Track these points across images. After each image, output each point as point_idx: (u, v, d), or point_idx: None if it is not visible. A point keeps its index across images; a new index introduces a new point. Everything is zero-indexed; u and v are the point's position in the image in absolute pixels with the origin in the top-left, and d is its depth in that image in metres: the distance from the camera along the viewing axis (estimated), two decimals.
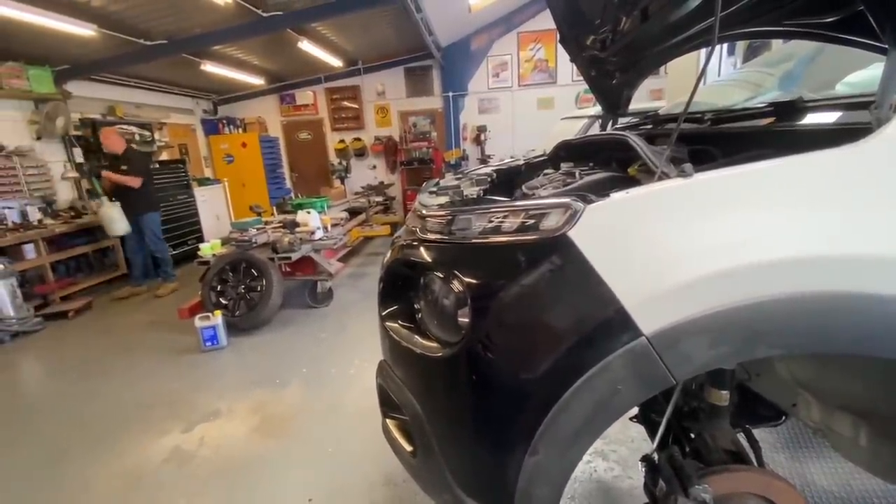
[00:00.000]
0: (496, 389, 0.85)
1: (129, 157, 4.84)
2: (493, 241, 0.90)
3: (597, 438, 0.82)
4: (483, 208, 0.95)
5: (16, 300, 4.26)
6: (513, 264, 0.84)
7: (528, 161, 2.30)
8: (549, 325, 0.80)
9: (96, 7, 4.31)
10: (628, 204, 0.78)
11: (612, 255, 0.76)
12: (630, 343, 0.73)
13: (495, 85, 7.86)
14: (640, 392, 0.77)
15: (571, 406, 0.77)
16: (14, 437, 2.57)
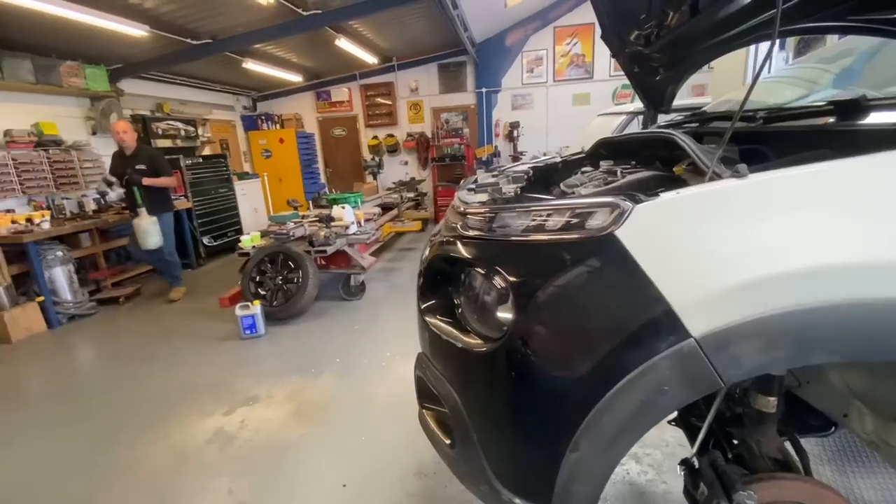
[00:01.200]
0: (538, 385, 0.86)
1: (151, 154, 4.57)
2: (537, 239, 0.90)
3: (640, 438, 0.82)
4: (526, 206, 0.96)
5: (72, 285, 4.56)
6: (558, 262, 0.84)
7: (565, 158, 2.28)
8: (595, 324, 0.80)
9: (149, 8, 4.53)
10: (679, 204, 0.77)
11: (661, 256, 0.76)
12: (677, 344, 0.73)
13: (529, 81, 7.78)
14: (687, 394, 0.76)
15: (615, 405, 0.77)
16: (73, 414, 2.76)
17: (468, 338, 1.00)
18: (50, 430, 2.61)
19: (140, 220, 4.31)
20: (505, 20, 7.27)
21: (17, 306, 4.05)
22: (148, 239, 4.35)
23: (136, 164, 4.34)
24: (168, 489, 2.06)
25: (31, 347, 3.89)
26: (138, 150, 4.47)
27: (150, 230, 4.34)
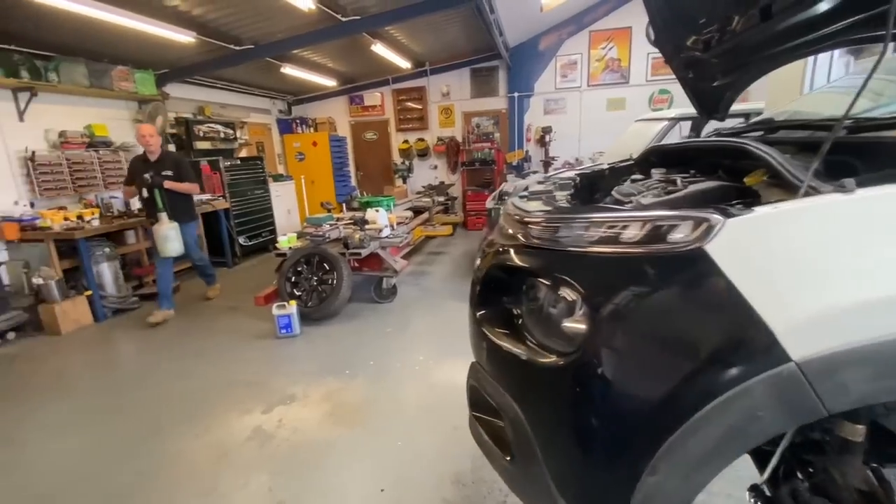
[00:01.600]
0: (617, 403, 0.83)
1: (176, 160, 4.36)
2: (613, 251, 0.87)
3: (727, 465, 0.77)
4: (600, 216, 0.93)
5: (118, 280, 4.75)
6: (638, 276, 0.81)
7: (612, 166, 2.23)
8: (681, 343, 0.77)
9: (196, 15, 4.70)
10: (777, 220, 0.73)
11: (758, 274, 0.72)
12: (776, 368, 0.68)
13: (563, 85, 7.70)
14: (784, 421, 0.72)
15: (702, 429, 0.73)
16: (121, 405, 2.86)
17: (534, 350, 0.98)
18: (101, 419, 2.71)
19: (160, 227, 4.04)
20: (540, 24, 7.23)
21: (67, 299, 4.24)
22: (167, 245, 4.05)
23: (161, 169, 4.11)
24: (211, 483, 2.10)
25: (79, 339, 4.06)
26: (163, 155, 4.23)
27: (170, 236, 4.04)
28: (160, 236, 4.06)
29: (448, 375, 2.97)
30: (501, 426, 1.13)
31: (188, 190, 4.33)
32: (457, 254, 6.24)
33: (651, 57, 7.22)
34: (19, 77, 4.50)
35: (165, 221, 4.07)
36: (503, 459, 1.07)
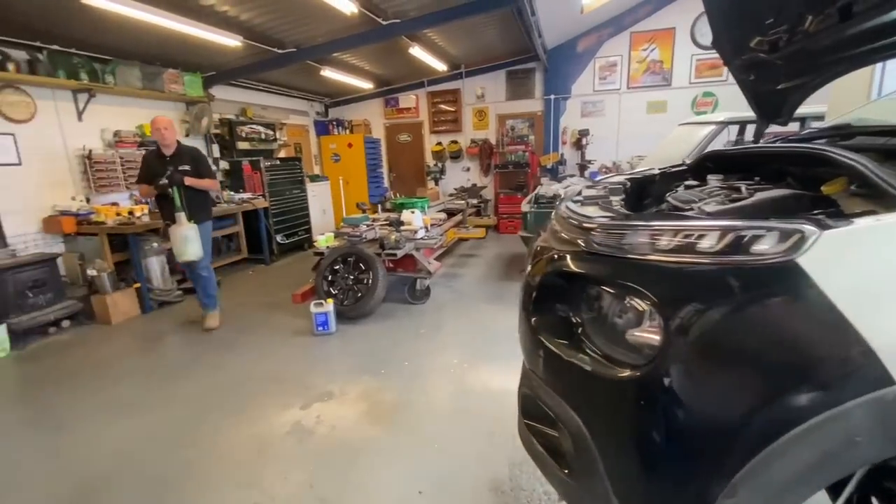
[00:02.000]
0: (694, 421, 0.79)
1: (194, 155, 3.94)
2: (687, 260, 0.84)
3: (814, 492, 0.73)
4: (672, 224, 0.90)
5: (164, 274, 4.95)
6: (718, 288, 0.78)
7: (663, 171, 2.16)
8: (770, 360, 0.73)
9: (244, 20, 4.86)
10: (881, 232, 0.68)
11: (859, 290, 0.67)
12: (878, 391, 0.64)
13: (601, 87, 7.55)
14: (884, 448, 0.67)
15: (790, 452, 0.69)
16: (168, 395, 2.97)
17: (599, 362, 0.95)
18: (148, 407, 2.82)
19: (179, 228, 3.69)
20: (579, 26, 7.12)
21: (117, 291, 4.45)
22: (188, 248, 3.71)
23: (178, 164, 3.75)
24: (254, 475, 2.15)
25: (127, 329, 4.26)
26: (179, 149, 3.84)
27: (191, 237, 3.71)
28: (179, 237, 3.69)
29: (483, 380, 2.95)
30: (557, 437, 1.10)
31: (209, 187, 3.98)
32: (489, 257, 6.21)
33: (695, 58, 6.98)
34: (79, 79, 4.76)
35: (184, 221, 3.69)
36: (559, 472, 1.05)
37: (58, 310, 4.19)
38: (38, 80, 4.41)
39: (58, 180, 4.75)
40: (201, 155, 4.04)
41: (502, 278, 5.20)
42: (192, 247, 3.73)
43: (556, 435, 1.10)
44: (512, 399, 2.64)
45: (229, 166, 6.70)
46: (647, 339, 0.88)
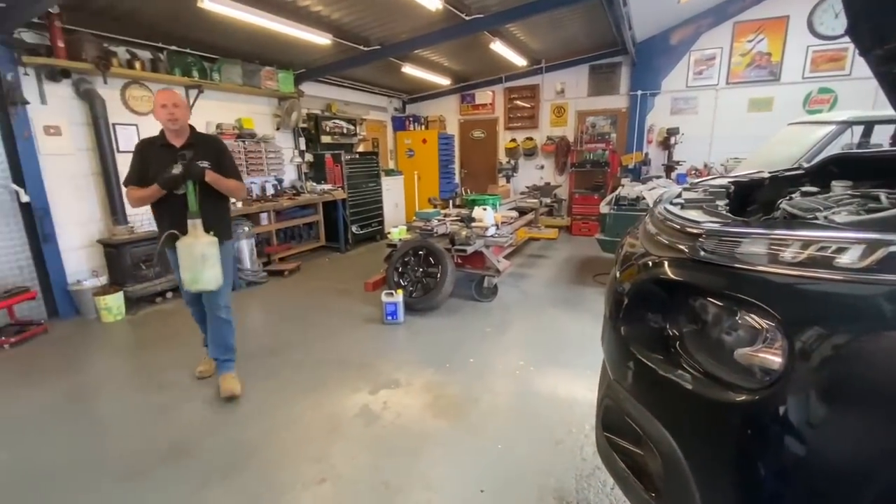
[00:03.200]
0: (811, 460, 0.69)
1: (217, 147, 2.77)
2: (822, 276, 0.72)
3: None
4: (805, 235, 0.78)
5: (252, 256, 5.37)
6: (864, 310, 0.66)
7: (774, 175, 1.93)
8: None
9: (334, 19, 5.10)
10: None
11: None
12: None
13: (696, 83, 6.96)
14: None
15: None
16: (250, 367, 3.21)
17: (701, 381, 0.86)
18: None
19: (193, 242, 2.45)
20: (674, 17, 6.62)
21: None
22: (205, 271, 2.47)
23: (194, 158, 2.55)
24: (324, 452, 2.26)
25: None
26: (194, 138, 2.67)
27: (210, 256, 2.49)
28: (194, 256, 2.44)
29: (550, 386, 2.85)
30: (642, 455, 1.02)
31: (235, 190, 2.74)
32: (560, 259, 6.01)
33: (811, 50, 6.20)
34: (191, 76, 5.28)
35: (201, 233, 2.48)
36: (644, 493, 0.97)
37: (163, 282, 4.70)
38: (158, 77, 4.95)
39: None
40: (226, 148, 2.81)
41: (573, 282, 5.00)
42: (211, 270, 2.48)
43: (642, 453, 1.02)
44: (581, 409, 2.54)
45: (313, 159, 7.11)
46: (764, 361, 0.78)
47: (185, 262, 2.47)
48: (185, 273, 2.50)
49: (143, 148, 2.66)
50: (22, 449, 2.37)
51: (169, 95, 2.56)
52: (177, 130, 2.59)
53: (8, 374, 3.22)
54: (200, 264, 2.45)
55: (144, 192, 2.54)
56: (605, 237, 4.83)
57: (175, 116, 2.54)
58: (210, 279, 2.51)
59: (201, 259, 2.45)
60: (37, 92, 4.07)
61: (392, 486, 2.02)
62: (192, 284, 2.51)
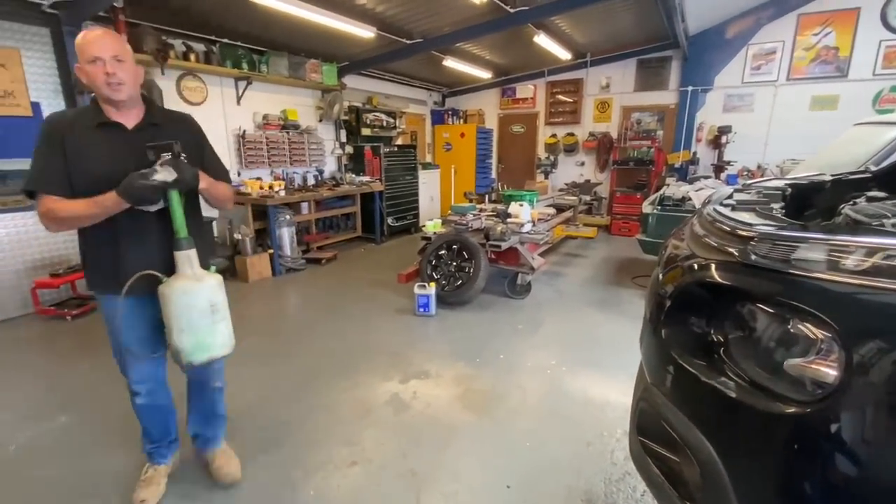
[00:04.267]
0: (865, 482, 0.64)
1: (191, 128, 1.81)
2: (891, 286, 0.67)
3: None
4: (866, 241, 0.73)
5: (292, 244, 5.54)
6: None
7: (836, 178, 1.81)
8: None
9: (379, 12, 5.16)
10: None
11: None
12: None
13: (753, 78, 6.58)
14: None
15: None
16: (287, 350, 3.34)
17: (746, 389, 0.82)
18: (273, 358, 3.20)
19: (191, 285, 1.58)
20: (730, 9, 6.28)
21: (255, 254, 5.10)
22: (215, 330, 1.63)
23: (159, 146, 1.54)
24: (355, 436, 2.32)
25: (260, 289, 4.87)
26: (154, 115, 1.69)
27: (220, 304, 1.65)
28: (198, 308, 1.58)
29: (582, 387, 2.80)
30: (678, 461, 0.99)
31: (228, 200, 1.87)
32: (597, 258, 5.87)
33: (885, 45, 5.73)
34: (241, 68, 5.48)
35: (200, 271, 1.63)
36: (679, 501, 0.94)
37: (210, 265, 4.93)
38: (211, 69, 5.18)
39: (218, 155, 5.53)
40: (201, 131, 1.86)
41: (610, 283, 4.88)
42: (223, 325, 1.66)
43: (678, 460, 0.99)
44: (613, 412, 2.49)
45: (353, 150, 7.25)
46: (817, 373, 0.74)
47: (183, 320, 1.52)
48: (184, 337, 1.53)
49: (60, 130, 1.51)
50: (80, 413, 2.57)
51: (101, 39, 1.47)
52: (123, 101, 1.54)
53: (69, 344, 3.49)
54: (208, 319, 1.57)
55: (84, 208, 1.45)
56: (646, 238, 4.68)
57: (118, 79, 1.48)
58: (225, 340, 1.64)
59: (209, 311, 1.56)
60: None
61: (419, 475, 2.05)
62: (195, 354, 1.56)
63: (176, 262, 1.56)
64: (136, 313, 1.67)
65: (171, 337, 1.55)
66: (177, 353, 1.56)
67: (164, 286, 1.55)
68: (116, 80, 1.49)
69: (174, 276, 1.56)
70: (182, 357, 1.57)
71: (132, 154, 1.53)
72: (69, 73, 4.00)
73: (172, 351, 1.57)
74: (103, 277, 1.64)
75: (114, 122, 1.57)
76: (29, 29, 3.84)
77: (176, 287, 1.54)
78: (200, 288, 1.56)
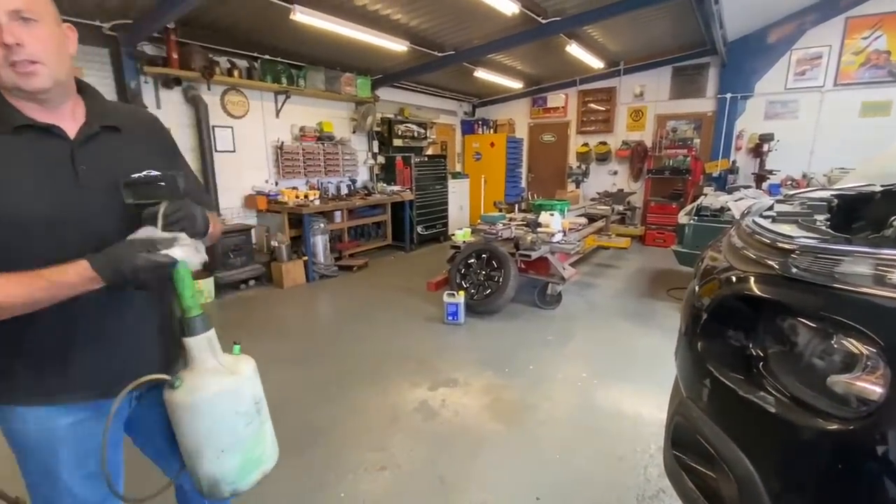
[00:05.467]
0: None
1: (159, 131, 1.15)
2: None
3: None
4: None
5: (325, 251, 5.70)
6: None
7: (887, 188, 1.72)
8: None
9: (412, 26, 5.29)
10: None
11: None
12: None
13: (797, 84, 6.32)
14: None
15: None
16: (319, 353, 3.43)
17: (785, 404, 0.80)
18: (305, 361, 3.29)
19: (228, 382, 0.99)
20: (773, 13, 6.08)
21: (290, 261, 5.27)
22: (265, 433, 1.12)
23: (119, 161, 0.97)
24: (384, 441, 2.36)
25: (295, 294, 5.02)
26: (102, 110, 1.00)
27: (261, 398, 1.12)
28: (241, 409, 1.02)
29: (614, 400, 2.75)
30: (715, 478, 0.97)
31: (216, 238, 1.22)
32: (630, 270, 5.74)
33: None
34: (280, 83, 5.71)
35: (226, 358, 1.04)
36: None
37: (248, 271, 5.13)
38: (252, 84, 5.43)
39: (257, 166, 5.79)
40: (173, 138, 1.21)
41: (644, 295, 4.76)
42: (268, 428, 1.17)
43: (714, 475, 0.97)
44: (647, 427, 2.43)
45: (385, 161, 7.40)
46: (862, 390, 0.72)
47: (224, 436, 0.99)
48: (227, 459, 0.99)
49: None
50: None
51: None
52: (44, 91, 0.89)
53: None
54: (256, 423, 1.07)
55: (21, 293, 0.81)
56: (682, 249, 4.55)
57: (28, 53, 0.84)
58: (272, 443, 1.17)
59: (256, 412, 1.07)
60: (154, 98, 4.64)
61: (447, 483, 2.06)
62: (243, 477, 1.03)
63: (189, 351, 0.97)
64: (83, 434, 0.99)
65: (200, 465, 0.97)
66: (214, 484, 0.98)
67: (182, 392, 0.94)
68: (25, 56, 0.83)
69: (192, 373, 0.96)
70: (223, 488, 0.99)
71: (90, 184, 0.92)
72: (125, 89, 4.30)
73: (205, 484, 0.99)
74: (36, 377, 0.93)
75: (44, 126, 0.90)
76: (91, 49, 4.16)
77: (207, 390, 0.95)
78: (242, 383, 1.02)
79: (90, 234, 0.89)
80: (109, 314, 0.97)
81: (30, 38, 0.82)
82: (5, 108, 0.87)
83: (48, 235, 0.87)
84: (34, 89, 0.86)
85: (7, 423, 0.95)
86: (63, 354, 0.94)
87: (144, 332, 1.04)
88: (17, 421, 0.94)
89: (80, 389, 0.96)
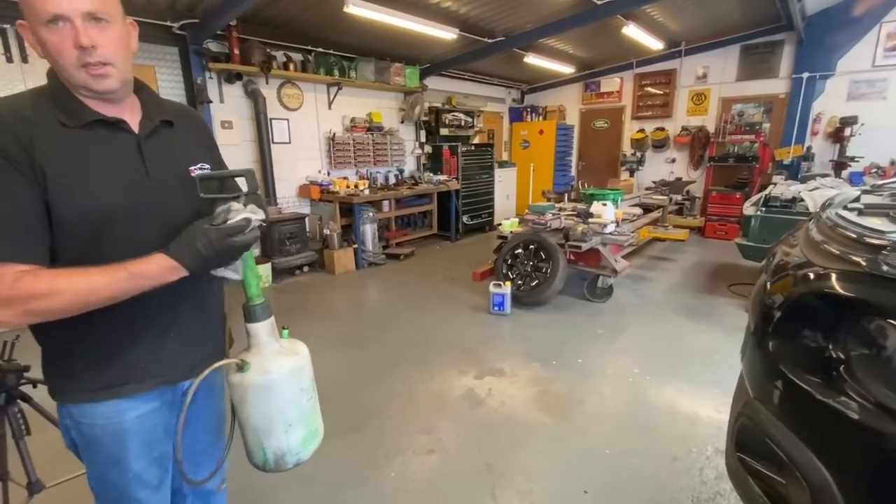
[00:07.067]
0: None
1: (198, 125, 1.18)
2: None
3: None
4: None
5: (374, 239, 5.84)
6: None
7: None
8: None
9: (462, 13, 5.23)
10: None
11: None
12: None
13: (886, 61, 5.68)
14: None
15: None
16: (368, 338, 3.54)
17: (870, 411, 0.74)
18: (357, 344, 3.42)
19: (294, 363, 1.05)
20: None
21: (341, 248, 5.45)
22: (317, 408, 1.16)
23: (181, 154, 1.03)
24: (432, 425, 2.41)
25: (345, 280, 5.19)
26: (158, 107, 1.04)
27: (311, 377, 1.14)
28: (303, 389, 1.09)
29: (668, 398, 2.65)
30: (784, 484, 0.92)
31: None
32: (687, 263, 5.46)
33: None
34: (332, 75, 5.86)
35: (282, 340, 1.08)
36: None
37: (302, 257, 5.36)
38: (306, 76, 5.61)
39: (310, 156, 6.01)
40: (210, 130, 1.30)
41: (702, 290, 4.52)
42: (317, 403, 1.17)
43: (783, 481, 0.92)
44: (704, 428, 2.33)
45: (432, 150, 7.43)
46: None
47: (293, 411, 1.05)
48: (293, 432, 1.05)
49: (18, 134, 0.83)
50: None
51: None
52: (113, 92, 0.92)
53: None
54: (314, 398, 1.15)
55: (108, 285, 0.83)
56: (747, 242, 4.26)
57: (102, 55, 0.86)
58: (320, 416, 1.20)
59: (312, 388, 1.14)
60: (217, 92, 4.91)
61: (494, 470, 2.08)
62: (305, 447, 1.09)
63: (254, 337, 1.02)
64: (150, 424, 1.04)
65: (269, 441, 1.03)
66: (280, 456, 1.04)
67: (254, 374, 0.99)
68: (98, 58, 0.85)
69: (259, 357, 1.01)
70: (288, 459, 1.06)
71: (157, 176, 0.96)
72: (192, 86, 4.58)
73: (272, 457, 1.03)
74: (101, 372, 0.96)
75: (113, 120, 0.93)
76: (161, 48, 4.45)
77: (279, 370, 1.02)
78: (304, 362, 1.08)
79: (162, 225, 0.93)
80: (167, 304, 0.99)
81: (103, 40, 0.84)
82: (75, 103, 0.89)
83: (128, 227, 0.90)
84: (105, 90, 0.88)
85: (72, 419, 0.97)
86: (127, 347, 0.96)
87: (202, 320, 1.10)
88: (85, 417, 0.96)
89: (147, 379, 0.99)
